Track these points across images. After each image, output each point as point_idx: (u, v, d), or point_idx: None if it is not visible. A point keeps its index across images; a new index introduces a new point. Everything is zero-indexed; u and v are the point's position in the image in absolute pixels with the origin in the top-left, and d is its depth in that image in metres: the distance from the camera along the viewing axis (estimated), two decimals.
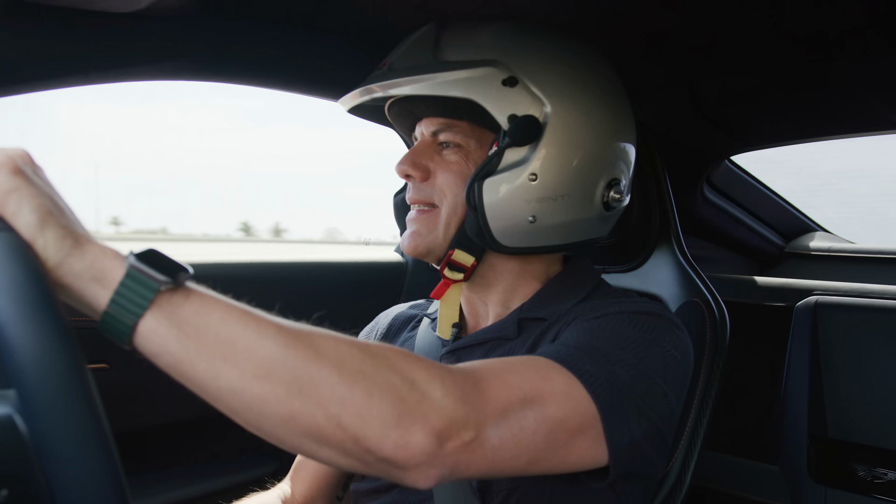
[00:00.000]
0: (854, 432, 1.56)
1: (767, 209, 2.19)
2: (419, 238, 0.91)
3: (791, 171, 2.11)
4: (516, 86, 0.84)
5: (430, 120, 0.93)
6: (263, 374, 0.53)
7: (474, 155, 0.90)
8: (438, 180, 0.91)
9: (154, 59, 1.01)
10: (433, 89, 0.83)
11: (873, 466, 1.52)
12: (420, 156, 0.92)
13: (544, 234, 0.89)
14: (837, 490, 1.55)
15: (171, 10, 0.97)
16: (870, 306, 1.64)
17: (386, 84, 0.86)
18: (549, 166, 0.85)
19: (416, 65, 0.87)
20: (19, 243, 0.46)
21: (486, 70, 0.83)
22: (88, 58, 0.95)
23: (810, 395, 1.62)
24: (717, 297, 1.11)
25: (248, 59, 1.13)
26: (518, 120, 0.83)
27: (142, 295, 0.50)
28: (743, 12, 1.09)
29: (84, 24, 0.93)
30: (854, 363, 1.61)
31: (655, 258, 1.22)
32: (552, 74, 0.86)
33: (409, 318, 1.11)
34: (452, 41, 0.88)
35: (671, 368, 0.79)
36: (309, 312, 1.50)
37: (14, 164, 0.51)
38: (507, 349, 0.90)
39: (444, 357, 0.95)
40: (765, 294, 1.85)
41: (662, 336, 0.80)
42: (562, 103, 0.85)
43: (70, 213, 0.53)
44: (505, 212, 0.85)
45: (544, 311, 0.91)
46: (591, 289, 0.94)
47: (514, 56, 0.85)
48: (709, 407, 1.01)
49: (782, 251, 2.37)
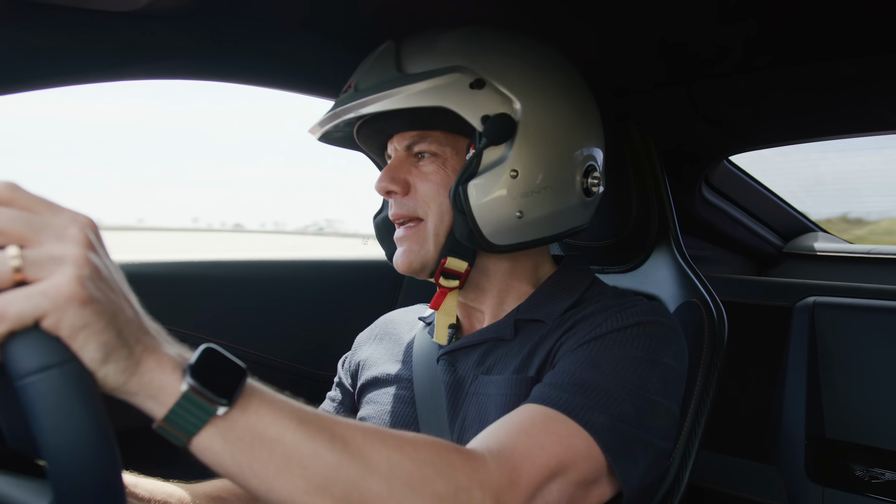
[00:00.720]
0: (852, 432, 1.56)
1: (766, 209, 2.19)
2: (412, 255, 0.92)
3: (789, 170, 2.11)
4: (484, 87, 0.84)
5: (402, 135, 0.93)
6: (316, 490, 0.55)
7: (451, 161, 0.91)
8: (420, 192, 0.91)
9: (153, 57, 1.01)
10: (404, 102, 0.83)
11: (871, 466, 1.53)
12: (398, 170, 0.92)
13: (533, 227, 0.89)
14: (835, 490, 1.55)
15: (169, 9, 0.97)
16: (868, 306, 1.64)
17: (355, 105, 0.86)
18: (528, 161, 0.86)
19: (382, 81, 0.87)
20: (82, 373, 0.47)
21: (452, 76, 0.84)
22: (87, 56, 0.95)
23: (808, 395, 1.62)
24: (715, 298, 1.11)
25: (246, 59, 1.12)
26: (492, 119, 0.84)
27: (196, 416, 0.51)
28: (741, 13, 1.09)
29: (83, 23, 0.93)
30: (852, 363, 1.61)
31: (654, 259, 1.22)
32: (517, 72, 0.87)
33: (407, 322, 1.12)
34: (414, 53, 0.89)
35: (671, 382, 0.82)
36: (308, 311, 1.51)
37: (84, 274, 0.47)
38: (505, 350, 0.91)
39: (442, 358, 0.95)
40: (763, 294, 1.85)
41: (663, 349, 0.81)
42: (531, 99, 0.86)
43: (129, 318, 0.51)
44: (493, 211, 0.86)
45: (540, 313, 0.91)
46: (586, 288, 0.95)
47: (478, 59, 0.86)
48: (706, 407, 1.01)
49: (781, 251, 2.37)
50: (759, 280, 2.11)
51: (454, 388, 0.92)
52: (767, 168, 2.04)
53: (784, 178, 2.13)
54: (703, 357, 1.03)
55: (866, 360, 1.59)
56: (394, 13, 1.08)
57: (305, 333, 1.52)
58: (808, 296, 1.74)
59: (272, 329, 1.47)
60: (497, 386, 0.87)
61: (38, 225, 0.47)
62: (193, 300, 1.36)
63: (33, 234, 0.46)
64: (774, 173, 2.08)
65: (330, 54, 1.19)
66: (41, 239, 0.46)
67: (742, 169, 1.99)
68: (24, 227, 0.46)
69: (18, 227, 0.46)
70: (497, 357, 0.91)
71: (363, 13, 1.10)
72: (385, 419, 0.98)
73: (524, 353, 0.88)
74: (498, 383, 0.87)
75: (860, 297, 1.69)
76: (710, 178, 1.90)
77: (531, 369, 0.85)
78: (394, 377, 1.02)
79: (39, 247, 0.46)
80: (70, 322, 0.45)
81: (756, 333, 1.82)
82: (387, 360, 1.06)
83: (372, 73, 0.89)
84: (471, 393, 0.90)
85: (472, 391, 0.90)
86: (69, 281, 0.46)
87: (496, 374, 0.89)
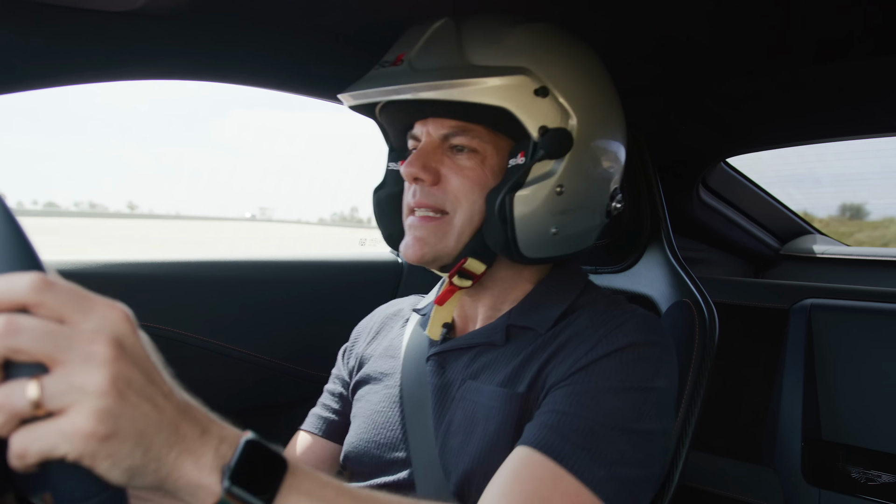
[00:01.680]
0: (848, 434, 1.56)
1: (763, 211, 2.20)
2: (427, 246, 0.88)
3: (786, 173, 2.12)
4: (547, 96, 0.82)
5: (441, 121, 0.88)
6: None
7: (490, 161, 0.87)
8: (452, 185, 0.87)
9: (150, 58, 1.00)
10: (466, 96, 0.80)
11: (867, 468, 1.53)
12: (430, 158, 0.87)
13: (563, 244, 0.88)
14: (831, 492, 1.55)
15: (166, 10, 0.96)
16: (864, 308, 1.65)
17: (414, 87, 0.81)
18: (574, 179, 0.85)
19: (445, 66, 0.83)
20: (120, 498, 0.48)
21: (519, 78, 0.81)
22: (84, 57, 0.95)
23: (805, 397, 1.63)
24: (706, 298, 1.11)
25: (243, 59, 1.12)
26: (552, 132, 0.82)
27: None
28: (741, 15, 1.09)
29: (80, 23, 0.93)
30: (848, 365, 1.61)
31: (647, 259, 1.23)
32: (576, 86, 0.84)
33: (403, 316, 1.11)
34: (478, 42, 0.85)
35: (665, 404, 0.82)
36: (304, 311, 1.51)
37: (107, 406, 0.45)
38: (495, 356, 0.89)
39: (431, 358, 0.95)
40: (760, 296, 1.85)
41: (656, 373, 0.80)
42: (584, 116, 0.84)
43: (161, 424, 0.49)
44: (532, 224, 0.84)
45: (531, 320, 0.90)
46: (578, 293, 0.93)
47: (543, 64, 0.83)
48: (697, 407, 1.00)
49: (777, 253, 2.37)
50: (756, 282, 2.11)
51: (441, 390, 0.91)
52: (765, 170, 2.04)
53: (781, 181, 2.13)
54: (693, 357, 1.03)
55: (863, 362, 1.59)
56: (392, 11, 1.08)
57: (303, 334, 1.52)
58: (805, 298, 1.74)
59: (270, 330, 1.46)
60: (486, 396, 0.85)
61: (64, 342, 0.44)
62: (191, 301, 1.35)
63: (58, 354, 0.44)
64: (771, 175, 2.08)
65: (327, 54, 1.19)
66: (65, 359, 0.44)
67: (739, 171, 1.99)
68: (49, 346, 0.44)
69: (43, 347, 0.44)
70: (486, 362, 0.90)
71: (361, 12, 1.10)
72: (375, 419, 0.97)
73: (514, 365, 0.86)
74: (487, 393, 0.86)
75: (857, 299, 1.70)
76: (707, 180, 1.91)
77: (521, 384, 0.84)
78: (385, 375, 1.01)
79: (63, 368, 0.44)
80: (91, 456, 0.45)
81: (753, 335, 1.82)
82: (380, 357, 1.05)
83: (431, 53, 0.84)
84: (458, 397, 0.89)
85: (458, 395, 0.89)
86: (89, 417, 0.44)
87: (484, 382, 0.87)
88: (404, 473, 0.90)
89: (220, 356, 1.37)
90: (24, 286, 0.44)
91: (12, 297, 0.44)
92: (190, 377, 1.49)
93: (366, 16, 1.10)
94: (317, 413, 1.10)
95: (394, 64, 0.86)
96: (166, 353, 1.07)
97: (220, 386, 1.38)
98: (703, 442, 1.78)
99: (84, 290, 0.47)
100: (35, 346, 0.44)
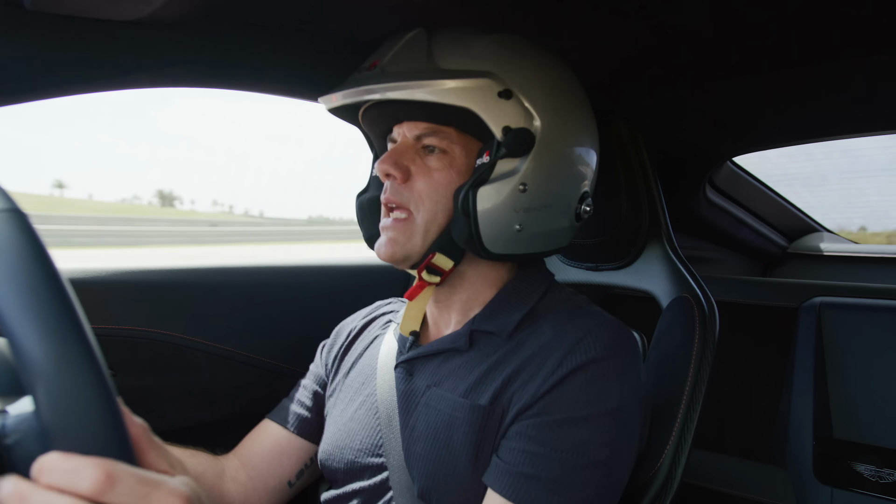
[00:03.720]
0: (859, 432, 1.56)
1: (770, 210, 2.19)
2: (396, 245, 0.91)
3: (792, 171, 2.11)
4: (511, 98, 0.85)
5: (414, 123, 0.92)
6: None
7: (458, 162, 0.90)
8: (418, 185, 0.91)
9: (156, 66, 1.01)
10: (432, 96, 0.84)
11: (879, 467, 1.52)
12: (403, 156, 0.92)
13: (527, 241, 0.91)
14: (843, 490, 1.54)
15: (172, 18, 0.97)
16: (874, 306, 1.64)
17: (382, 87, 0.86)
18: (537, 177, 0.87)
19: (412, 70, 0.87)
20: None
21: (483, 81, 0.84)
22: (92, 66, 0.95)
23: (815, 396, 1.62)
24: (706, 293, 1.11)
25: (249, 65, 1.13)
26: (513, 132, 0.85)
27: None
28: (746, 12, 1.09)
29: (87, 33, 0.93)
30: (859, 363, 1.61)
31: (646, 255, 1.23)
32: (541, 90, 0.88)
33: (383, 317, 1.14)
34: (447, 48, 0.89)
35: (631, 421, 0.83)
36: (312, 315, 1.51)
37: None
38: (460, 362, 0.91)
39: (400, 366, 0.97)
40: (768, 295, 1.85)
41: (619, 389, 0.81)
42: (548, 118, 0.87)
43: None
44: (496, 219, 0.87)
45: (493, 324, 0.92)
46: (540, 296, 0.95)
47: (509, 69, 0.86)
48: (698, 402, 1.00)
49: (785, 252, 2.37)
50: (764, 281, 2.11)
51: (407, 397, 0.93)
52: (771, 168, 2.04)
53: (787, 179, 2.13)
54: (694, 353, 1.03)
55: (873, 359, 1.59)
56: (401, 16, 1.08)
57: (311, 338, 1.53)
58: (814, 296, 1.74)
59: (278, 334, 1.47)
60: (449, 405, 0.88)
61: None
62: (202, 307, 1.36)
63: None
64: (778, 173, 2.08)
65: (334, 60, 1.20)
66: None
67: (746, 170, 1.99)
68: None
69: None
70: (450, 369, 0.92)
71: (366, 19, 1.11)
72: (350, 425, 0.99)
73: (478, 373, 0.88)
74: (450, 402, 0.88)
75: (866, 297, 1.69)
76: (713, 179, 1.91)
77: (483, 396, 0.86)
78: (360, 381, 1.04)
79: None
80: None
81: (762, 335, 1.82)
82: (356, 361, 1.08)
83: (401, 58, 0.89)
84: (421, 404, 0.91)
85: (423, 402, 0.91)
86: None
87: (447, 390, 0.90)
88: (378, 478, 0.93)
89: (231, 361, 1.38)
90: (87, 482, 0.43)
91: (73, 491, 0.43)
92: (201, 383, 1.50)
93: (372, 21, 1.11)
94: (289, 407, 1.12)
95: (368, 69, 0.90)
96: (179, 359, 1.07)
97: (231, 391, 1.39)
98: (714, 441, 1.78)
99: (147, 477, 0.47)
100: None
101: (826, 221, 2.41)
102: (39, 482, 0.43)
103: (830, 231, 2.42)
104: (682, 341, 1.05)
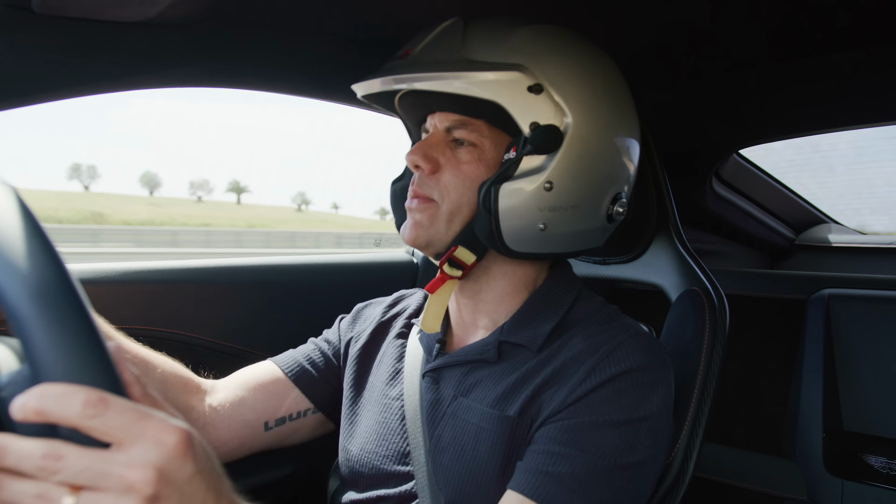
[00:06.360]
0: (870, 424, 1.55)
1: (777, 202, 2.19)
2: (420, 229, 0.90)
3: (800, 162, 2.11)
4: (541, 93, 0.83)
5: (445, 115, 0.91)
6: None
7: (487, 156, 0.89)
8: (444, 178, 0.89)
9: (164, 66, 1.01)
10: (461, 88, 0.82)
11: (890, 458, 1.52)
12: (432, 148, 0.90)
13: (551, 241, 0.88)
14: (854, 482, 1.54)
15: (178, 19, 0.98)
16: (883, 297, 1.64)
17: (413, 77, 0.84)
18: (564, 176, 0.85)
19: (443, 60, 0.85)
20: None
21: (513, 74, 0.82)
22: (100, 67, 0.96)
23: (825, 388, 1.62)
24: (716, 286, 1.11)
25: (256, 64, 1.13)
26: (541, 128, 0.82)
27: None
28: (751, 4, 1.09)
29: (94, 35, 0.94)
30: (868, 354, 1.60)
31: (655, 248, 1.22)
32: (575, 85, 0.85)
33: (395, 316, 1.11)
34: (480, 40, 0.86)
35: (658, 428, 0.82)
36: (322, 312, 1.51)
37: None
38: (486, 373, 0.90)
39: (427, 374, 0.95)
40: (777, 287, 1.85)
41: (650, 398, 0.81)
42: (581, 115, 0.84)
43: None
44: (518, 217, 0.85)
45: (523, 336, 0.90)
46: (570, 304, 0.93)
47: (541, 63, 0.83)
48: (710, 396, 1.00)
49: (793, 244, 2.36)
50: (773, 273, 2.10)
51: (433, 406, 0.92)
52: (778, 161, 2.03)
53: (794, 170, 2.12)
54: (704, 346, 1.03)
55: (882, 351, 1.58)
56: (404, 15, 1.08)
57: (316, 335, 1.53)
58: (822, 288, 1.73)
59: (288, 331, 1.47)
60: (476, 416, 0.86)
61: (105, 472, 0.44)
62: (211, 305, 1.37)
63: (97, 483, 0.44)
64: (785, 166, 2.07)
65: (339, 58, 1.20)
66: (105, 487, 0.44)
67: (752, 162, 1.98)
68: (89, 477, 0.44)
69: (82, 478, 0.44)
70: (477, 379, 0.90)
71: (373, 17, 1.11)
72: (378, 430, 0.97)
73: (507, 385, 0.86)
74: (478, 413, 0.86)
75: (875, 288, 1.68)
76: (720, 172, 1.90)
77: (512, 407, 0.84)
78: (387, 385, 1.01)
79: (101, 496, 0.44)
80: None
81: (770, 327, 1.81)
82: (380, 362, 1.05)
83: (434, 48, 0.87)
84: (448, 414, 0.90)
85: (449, 412, 0.90)
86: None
87: (475, 400, 0.88)
88: (404, 487, 0.91)
89: (239, 360, 1.39)
90: (78, 404, 0.43)
91: (63, 416, 0.43)
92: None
93: (377, 20, 1.11)
94: (295, 357, 1.09)
95: (401, 58, 0.89)
96: (186, 358, 1.08)
97: None
98: (724, 435, 1.78)
99: (140, 408, 0.46)
100: (75, 478, 0.43)
101: (833, 212, 2.40)
102: (29, 407, 0.43)
103: (837, 222, 2.41)
104: (693, 335, 1.05)
